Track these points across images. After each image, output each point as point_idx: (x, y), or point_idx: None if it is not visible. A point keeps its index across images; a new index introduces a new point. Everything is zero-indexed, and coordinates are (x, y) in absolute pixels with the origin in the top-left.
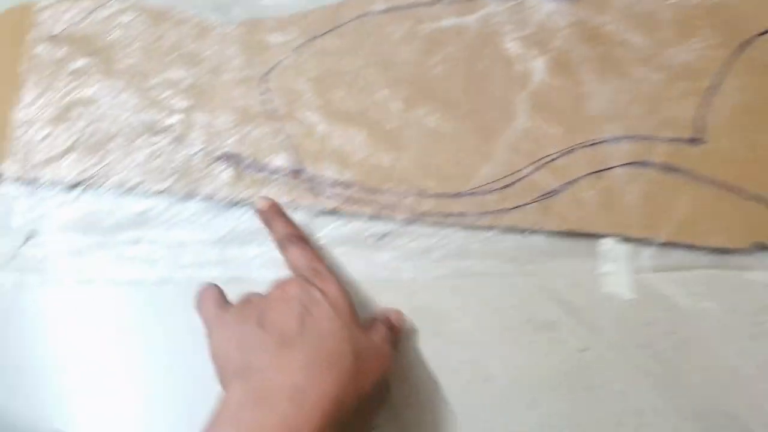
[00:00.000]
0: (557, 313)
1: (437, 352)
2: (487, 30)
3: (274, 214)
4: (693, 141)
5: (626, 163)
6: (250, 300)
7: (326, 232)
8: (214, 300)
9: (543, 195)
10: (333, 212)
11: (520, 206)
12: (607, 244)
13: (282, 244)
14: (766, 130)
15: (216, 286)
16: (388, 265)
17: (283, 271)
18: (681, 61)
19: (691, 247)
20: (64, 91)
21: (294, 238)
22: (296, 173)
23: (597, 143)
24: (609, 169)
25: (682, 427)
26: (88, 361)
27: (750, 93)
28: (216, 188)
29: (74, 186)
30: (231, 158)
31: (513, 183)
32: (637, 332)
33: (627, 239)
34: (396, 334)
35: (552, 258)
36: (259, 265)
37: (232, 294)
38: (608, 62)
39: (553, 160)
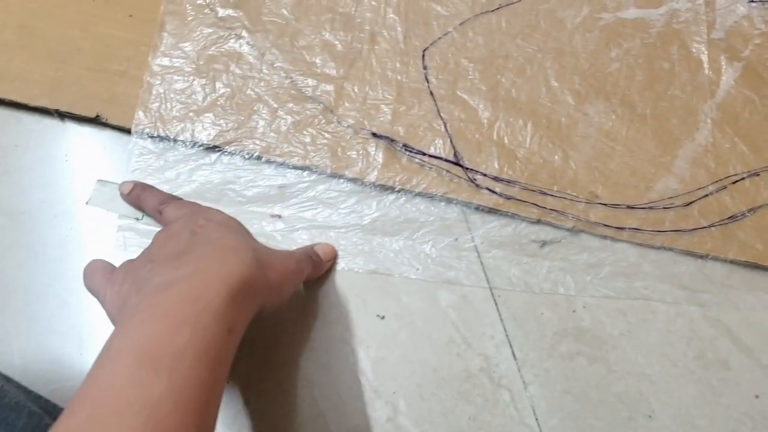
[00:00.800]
0: (731, 352)
1: (596, 381)
2: (672, 28)
3: (140, 190)
4: None
5: None
6: (136, 257)
7: (482, 231)
8: (101, 270)
9: (724, 219)
10: (492, 211)
11: (699, 228)
12: None
13: (157, 211)
14: None
15: (100, 259)
16: (548, 277)
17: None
18: None
19: None
20: (206, 41)
21: (168, 199)
22: (454, 163)
23: None
24: None
25: None
26: None
27: None
28: (366, 169)
29: (210, 148)
30: (384, 138)
31: (693, 201)
32: None
33: None
34: (318, 261)
35: (729, 289)
36: (406, 260)
37: (377, 289)
38: None
39: (738, 181)
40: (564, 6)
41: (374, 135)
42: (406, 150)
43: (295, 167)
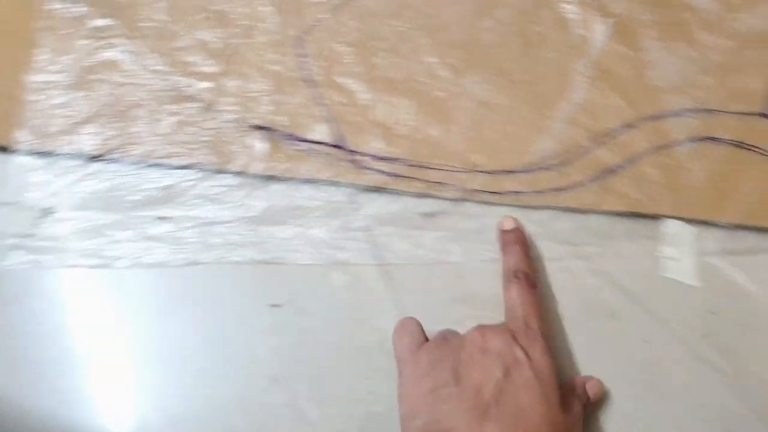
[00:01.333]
0: (617, 300)
1: None
2: None
3: (515, 240)
4: (765, 116)
5: (693, 139)
6: (447, 339)
7: (369, 210)
8: (410, 335)
9: (602, 173)
10: (377, 189)
11: (577, 185)
12: (671, 227)
13: (507, 276)
14: None
15: (414, 319)
16: (435, 247)
17: (335, 255)
18: (752, 28)
19: (761, 230)
20: (83, 53)
21: (523, 276)
22: (337, 146)
23: (661, 117)
24: (674, 145)
25: (754, 426)
26: (104, 347)
27: None
28: (249, 162)
29: (94, 158)
30: (266, 129)
31: (570, 160)
32: (703, 321)
33: (692, 221)
34: (588, 407)
35: (610, 240)
36: (296, 246)
37: (270, 278)
38: (675, 28)
39: (613, 135)
40: None
41: (256, 127)
42: (288, 139)
43: (180, 167)
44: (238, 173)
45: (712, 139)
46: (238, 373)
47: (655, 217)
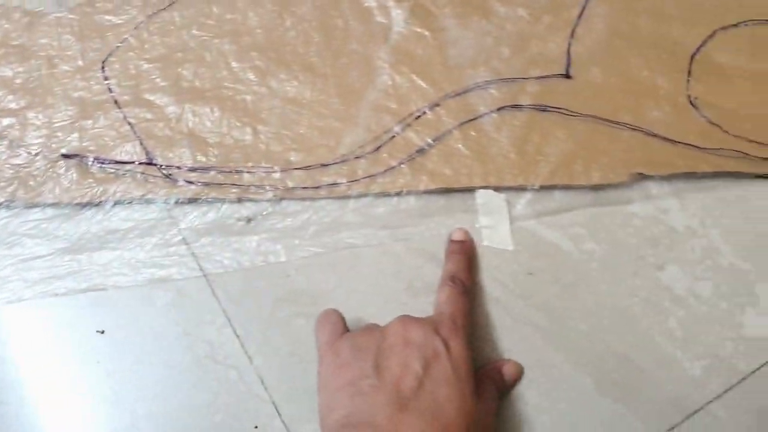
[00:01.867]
0: (436, 275)
1: None
2: None
3: (460, 249)
4: (563, 77)
5: (496, 109)
6: (369, 330)
7: (188, 222)
8: (332, 324)
9: (412, 154)
10: (192, 201)
11: (390, 169)
12: (483, 197)
13: (443, 280)
14: (634, 55)
15: (336, 310)
16: (258, 250)
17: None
18: None
19: (569, 188)
20: None
21: (459, 282)
22: (147, 163)
23: (464, 92)
24: (478, 117)
25: (575, 376)
26: None
27: (615, 18)
28: (61, 192)
29: None
30: (74, 156)
31: (381, 146)
32: (521, 283)
33: (501, 188)
34: (504, 390)
35: (427, 219)
36: (116, 270)
37: (95, 306)
38: (471, 3)
39: (420, 116)
40: None
41: (63, 156)
42: (97, 162)
43: None
44: (51, 205)
45: (515, 106)
46: (77, 404)
47: (469, 190)
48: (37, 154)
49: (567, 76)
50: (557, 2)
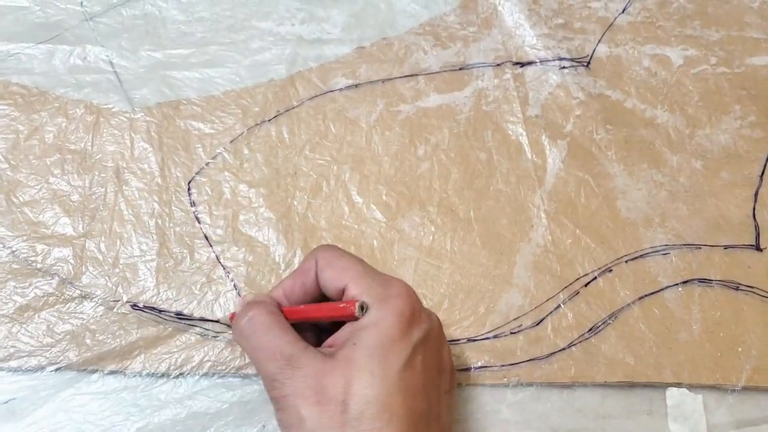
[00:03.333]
0: None
1: None
2: (482, 111)
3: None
4: (753, 248)
5: (681, 282)
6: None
7: None
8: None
9: (585, 333)
10: None
11: (558, 351)
12: (674, 397)
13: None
14: None
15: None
16: None
17: None
18: (718, 144)
19: None
20: None
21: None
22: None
23: (640, 256)
24: (660, 291)
25: None
26: None
27: None
28: (126, 356)
29: None
30: (147, 309)
31: (544, 318)
32: None
33: (696, 387)
34: None
35: (607, 420)
36: None
37: None
38: (636, 147)
39: (590, 282)
40: (354, 103)
41: (134, 307)
42: (179, 320)
43: (28, 371)
44: (111, 372)
45: (703, 281)
46: None
47: (654, 386)
48: (96, 300)
49: (758, 248)
50: (732, 153)
